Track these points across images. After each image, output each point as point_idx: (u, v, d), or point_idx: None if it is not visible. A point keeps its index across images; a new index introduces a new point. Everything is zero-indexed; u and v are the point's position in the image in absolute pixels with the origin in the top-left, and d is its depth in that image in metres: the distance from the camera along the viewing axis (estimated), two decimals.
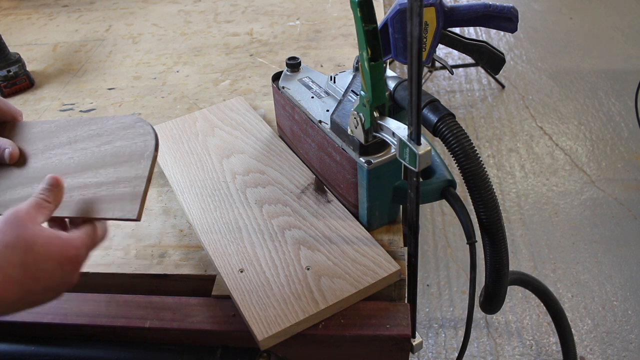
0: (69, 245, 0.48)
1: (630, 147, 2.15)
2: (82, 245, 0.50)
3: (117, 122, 0.57)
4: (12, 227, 0.46)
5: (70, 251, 0.48)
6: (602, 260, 1.73)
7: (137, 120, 0.56)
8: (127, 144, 0.55)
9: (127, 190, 0.52)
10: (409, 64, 0.46)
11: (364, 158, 0.61)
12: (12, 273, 0.44)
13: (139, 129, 0.55)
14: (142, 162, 0.53)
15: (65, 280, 0.48)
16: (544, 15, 3.04)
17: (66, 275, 0.48)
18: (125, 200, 0.52)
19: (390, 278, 0.61)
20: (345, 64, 1.05)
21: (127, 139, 0.55)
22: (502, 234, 0.58)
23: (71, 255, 0.48)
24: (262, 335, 0.55)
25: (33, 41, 1.27)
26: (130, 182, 0.52)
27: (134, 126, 0.55)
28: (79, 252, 0.49)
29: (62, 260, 0.47)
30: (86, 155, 0.57)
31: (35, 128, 0.62)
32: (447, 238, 1.85)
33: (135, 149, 0.54)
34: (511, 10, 0.58)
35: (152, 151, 0.53)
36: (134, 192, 0.52)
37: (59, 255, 0.47)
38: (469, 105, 2.44)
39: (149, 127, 0.55)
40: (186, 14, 1.32)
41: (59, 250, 0.47)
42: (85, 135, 0.58)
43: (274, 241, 0.65)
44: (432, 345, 1.54)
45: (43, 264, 0.46)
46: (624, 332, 1.53)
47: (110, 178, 0.54)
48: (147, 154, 0.53)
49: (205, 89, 1.02)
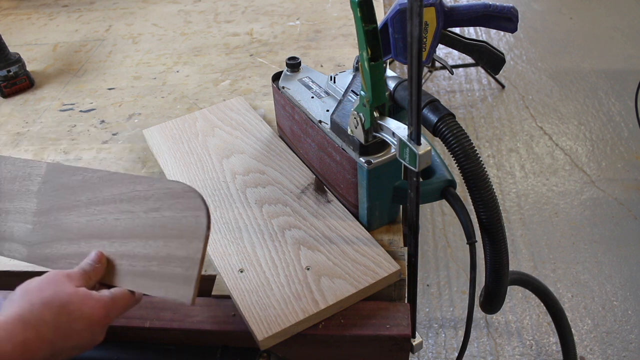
0: (100, 306, 0.49)
1: (630, 147, 2.15)
2: (113, 308, 0.50)
3: (165, 187, 0.53)
4: (50, 284, 0.48)
5: (101, 312, 0.49)
6: (602, 260, 1.73)
7: (187, 189, 0.51)
8: (176, 216, 0.51)
9: (179, 272, 0.50)
10: (409, 64, 0.46)
11: (364, 158, 0.61)
12: (44, 331, 0.45)
13: (190, 201, 0.51)
14: (193, 242, 0.49)
15: (92, 340, 0.49)
16: (544, 15, 3.04)
17: (94, 335, 0.49)
18: (178, 282, 0.50)
19: (390, 278, 0.61)
20: (345, 64, 1.05)
21: (176, 211, 0.51)
22: (502, 234, 0.58)
23: (101, 316, 0.49)
24: (262, 335, 0.55)
25: (33, 41, 1.27)
26: (182, 262, 0.50)
27: (184, 196, 0.51)
28: (109, 313, 0.50)
29: (92, 321, 0.48)
30: (134, 220, 0.54)
31: (76, 175, 0.60)
32: (447, 238, 1.85)
33: (186, 224, 0.50)
34: (511, 10, 0.58)
35: (204, 230, 0.49)
36: (187, 275, 0.49)
37: (90, 315, 0.48)
38: (469, 105, 2.44)
39: (200, 200, 0.50)
40: (186, 14, 1.32)
41: (90, 310, 0.48)
42: (131, 196, 0.55)
43: (274, 241, 0.65)
44: (432, 345, 1.54)
45: (75, 324, 0.47)
46: (624, 332, 1.53)
47: (160, 253, 0.52)
48: (199, 234, 0.49)
49: (205, 89, 1.02)
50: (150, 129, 0.88)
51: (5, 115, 1.01)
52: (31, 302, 0.46)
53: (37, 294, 0.47)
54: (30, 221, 0.61)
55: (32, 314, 0.45)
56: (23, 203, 0.62)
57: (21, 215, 0.62)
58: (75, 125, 0.96)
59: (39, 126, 0.97)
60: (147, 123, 0.94)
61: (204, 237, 0.49)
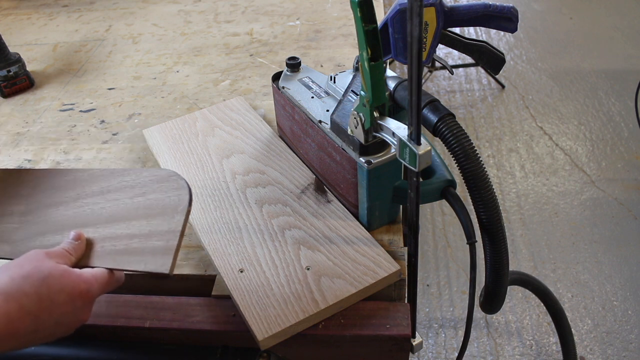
0: (81, 280, 0.49)
1: (630, 147, 2.15)
2: (94, 282, 0.51)
3: (152, 174, 0.57)
4: (30, 260, 0.49)
5: (82, 286, 0.49)
6: (602, 260, 1.73)
7: (171, 174, 0.56)
8: (160, 197, 0.55)
9: (160, 244, 0.52)
10: (409, 64, 0.46)
11: (364, 158, 0.61)
12: (26, 303, 0.45)
13: (173, 182, 0.55)
14: (175, 217, 0.53)
15: (77, 315, 0.49)
16: (544, 15, 3.04)
17: (77, 310, 0.49)
18: (158, 253, 0.52)
19: (390, 278, 0.61)
20: (345, 64, 1.05)
21: (161, 192, 0.55)
22: (502, 234, 0.58)
23: (82, 290, 0.49)
24: (262, 335, 0.55)
25: (33, 41, 1.27)
26: (164, 235, 0.52)
27: (168, 180, 0.56)
28: (90, 288, 0.50)
29: (73, 294, 0.48)
30: (118, 206, 0.57)
31: (68, 176, 0.62)
32: (447, 238, 1.85)
33: (169, 202, 0.54)
34: (511, 10, 0.58)
35: (186, 206, 0.53)
36: (167, 246, 0.52)
37: (71, 288, 0.48)
38: (469, 105, 2.44)
39: (184, 181, 0.55)
40: (186, 14, 1.32)
41: (71, 283, 0.48)
42: (118, 186, 0.58)
43: (274, 241, 0.65)
44: (432, 345, 1.54)
45: (56, 296, 0.47)
46: (624, 332, 1.53)
47: (142, 230, 0.54)
48: (180, 208, 0.53)
49: (205, 89, 1.02)
50: (150, 129, 0.88)
51: (5, 115, 1.01)
52: (11, 276, 0.46)
53: (17, 269, 0.47)
54: (17, 221, 0.61)
55: (12, 287, 0.45)
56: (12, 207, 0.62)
57: (8, 218, 0.62)
58: (75, 125, 0.96)
59: (39, 126, 0.97)
60: (147, 123, 0.94)
61: (185, 212, 0.52)
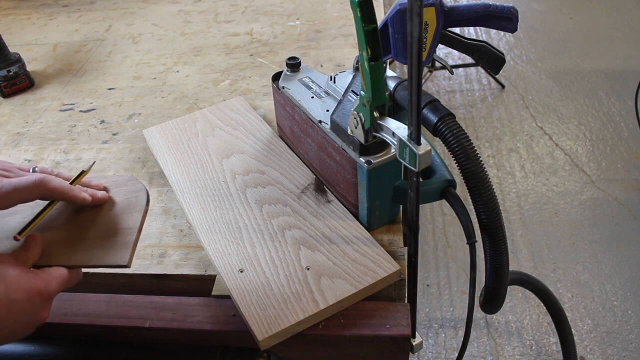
0: (38, 278, 0.50)
1: (630, 147, 2.15)
2: (51, 280, 0.51)
3: (110, 181, 0.63)
4: None
5: (40, 284, 0.49)
6: (602, 260, 1.73)
7: (129, 178, 0.63)
8: (120, 200, 0.61)
9: (119, 240, 0.56)
10: (409, 64, 0.46)
11: (364, 158, 0.61)
12: None
13: (132, 186, 0.62)
14: (134, 215, 0.58)
15: (36, 313, 0.50)
16: (544, 15, 3.04)
17: (36, 308, 0.49)
18: (117, 248, 0.55)
19: (390, 278, 0.61)
20: (345, 64, 1.05)
21: (120, 195, 0.61)
22: (502, 234, 0.58)
23: (40, 288, 0.49)
24: (262, 335, 0.55)
25: (33, 41, 1.27)
26: (123, 232, 0.57)
27: (127, 184, 0.62)
28: (48, 286, 0.50)
29: (31, 292, 0.48)
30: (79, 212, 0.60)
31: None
32: (447, 238, 1.85)
33: (128, 203, 0.60)
34: (511, 10, 0.58)
35: (144, 205, 0.59)
36: (126, 241, 0.56)
37: (29, 286, 0.48)
38: (469, 105, 2.44)
39: (141, 184, 0.62)
40: (186, 14, 1.32)
41: (29, 282, 0.49)
42: None
43: (274, 241, 0.65)
44: (432, 345, 1.54)
45: (13, 294, 0.47)
46: (624, 332, 1.53)
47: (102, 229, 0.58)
48: (139, 208, 0.59)
49: (205, 89, 1.02)
50: (150, 129, 0.88)
51: (5, 115, 1.01)
52: None
53: None
54: None
55: None
56: None
57: None
58: (75, 125, 0.96)
59: (39, 126, 0.97)
60: (147, 123, 0.94)
61: (143, 211, 0.59)
